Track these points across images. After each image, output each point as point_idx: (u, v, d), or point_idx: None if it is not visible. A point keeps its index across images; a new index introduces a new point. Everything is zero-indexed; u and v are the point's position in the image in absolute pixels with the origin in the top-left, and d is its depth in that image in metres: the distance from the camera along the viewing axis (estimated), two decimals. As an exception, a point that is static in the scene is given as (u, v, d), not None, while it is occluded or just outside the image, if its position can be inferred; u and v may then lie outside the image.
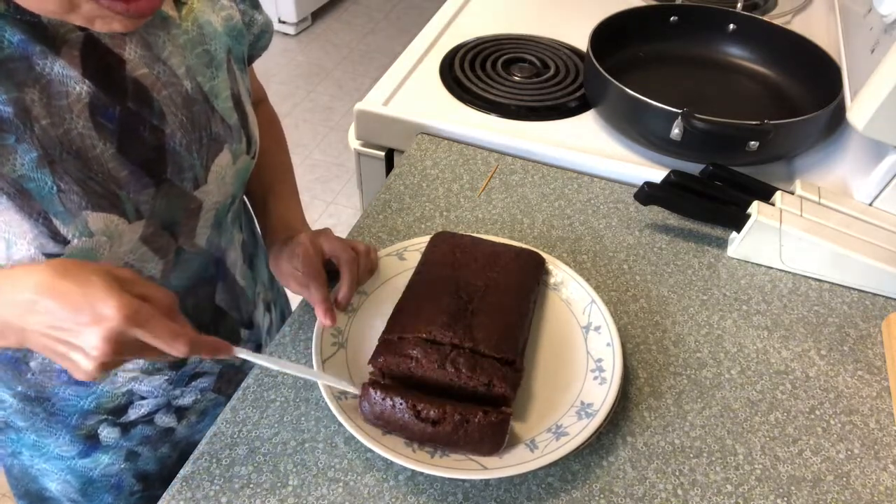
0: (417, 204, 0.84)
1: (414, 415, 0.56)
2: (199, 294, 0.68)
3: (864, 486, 0.59)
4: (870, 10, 0.85)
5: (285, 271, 0.66)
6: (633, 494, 0.58)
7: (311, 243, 0.66)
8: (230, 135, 0.62)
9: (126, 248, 0.56)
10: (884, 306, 0.75)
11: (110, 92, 0.52)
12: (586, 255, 0.79)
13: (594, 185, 0.89)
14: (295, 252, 0.65)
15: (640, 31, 1.04)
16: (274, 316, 0.86)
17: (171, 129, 0.56)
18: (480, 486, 0.58)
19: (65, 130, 0.50)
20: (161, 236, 0.59)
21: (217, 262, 0.69)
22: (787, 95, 0.99)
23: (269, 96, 0.85)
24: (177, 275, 0.63)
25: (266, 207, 0.74)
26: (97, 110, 0.51)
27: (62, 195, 0.50)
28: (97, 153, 0.52)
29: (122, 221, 0.54)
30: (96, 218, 0.52)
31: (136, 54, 0.54)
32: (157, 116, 0.55)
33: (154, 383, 0.70)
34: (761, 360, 0.69)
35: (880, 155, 0.79)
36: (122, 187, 0.53)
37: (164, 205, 0.57)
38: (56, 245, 0.51)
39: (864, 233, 0.77)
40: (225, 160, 0.62)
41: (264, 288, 0.81)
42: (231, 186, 0.64)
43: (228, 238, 0.70)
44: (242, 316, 0.75)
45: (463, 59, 1.07)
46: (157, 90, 0.55)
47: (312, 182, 2.44)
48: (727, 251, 0.81)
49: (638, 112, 0.87)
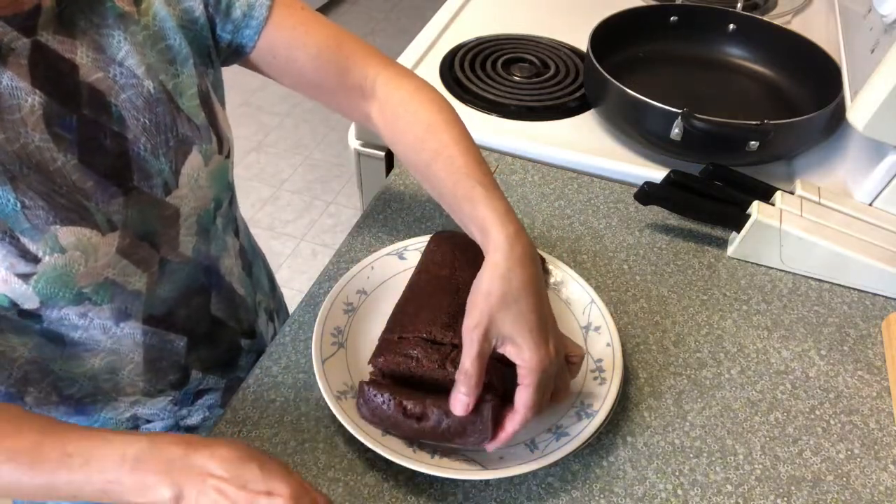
0: (417, 204, 0.84)
1: (401, 412, 0.56)
2: (192, 305, 0.65)
3: (864, 486, 0.59)
4: (870, 10, 0.85)
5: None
6: (633, 494, 0.58)
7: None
8: (198, 135, 0.58)
9: (103, 261, 0.53)
10: (884, 306, 0.75)
11: (64, 100, 0.49)
12: (586, 255, 0.79)
13: (594, 185, 0.89)
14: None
15: (640, 31, 1.04)
16: (278, 325, 0.83)
17: (134, 134, 0.54)
18: (480, 486, 0.58)
19: (22, 145, 0.47)
20: (140, 247, 0.56)
21: (208, 271, 0.66)
22: (787, 95, 0.99)
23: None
24: (164, 287, 0.61)
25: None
26: (53, 121, 0.49)
27: (27, 211, 0.48)
28: (58, 165, 0.49)
29: (94, 234, 0.51)
30: (66, 232, 0.50)
31: (89, 58, 0.51)
32: (117, 122, 0.53)
33: (158, 405, 0.67)
34: (761, 360, 0.69)
35: (880, 155, 0.79)
36: (89, 198, 0.51)
37: (137, 214, 0.55)
38: (27, 264, 0.49)
39: (864, 233, 0.77)
40: (196, 162, 0.58)
41: (266, 297, 0.79)
42: (209, 190, 0.61)
43: (220, 246, 0.67)
44: (242, 325, 0.73)
45: (463, 59, 1.07)
46: (115, 94, 0.52)
47: (312, 182, 2.44)
48: (727, 251, 0.80)
49: (638, 112, 0.87)
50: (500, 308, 0.50)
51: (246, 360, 0.75)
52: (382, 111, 0.63)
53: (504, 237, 0.52)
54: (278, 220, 2.30)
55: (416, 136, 0.60)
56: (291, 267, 2.15)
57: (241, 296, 0.72)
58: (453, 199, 0.57)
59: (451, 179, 0.57)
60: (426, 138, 0.60)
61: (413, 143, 0.61)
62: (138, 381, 0.64)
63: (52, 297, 0.51)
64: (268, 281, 0.82)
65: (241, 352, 0.74)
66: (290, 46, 0.61)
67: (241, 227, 0.73)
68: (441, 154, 0.58)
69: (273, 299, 0.83)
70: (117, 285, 0.55)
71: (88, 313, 0.56)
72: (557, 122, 0.97)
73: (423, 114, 0.61)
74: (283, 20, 0.61)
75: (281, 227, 2.28)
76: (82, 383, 0.61)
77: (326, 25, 0.63)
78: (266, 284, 0.81)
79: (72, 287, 0.52)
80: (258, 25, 0.60)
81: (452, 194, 0.57)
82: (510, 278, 0.51)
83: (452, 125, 0.60)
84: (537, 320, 0.51)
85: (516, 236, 0.52)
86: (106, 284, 0.54)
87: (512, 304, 0.50)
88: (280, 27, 0.61)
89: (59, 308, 0.54)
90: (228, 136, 0.64)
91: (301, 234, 2.25)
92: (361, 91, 0.64)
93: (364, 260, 0.72)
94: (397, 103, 0.62)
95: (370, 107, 0.64)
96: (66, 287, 0.51)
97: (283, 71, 0.63)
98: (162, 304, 0.61)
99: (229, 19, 0.60)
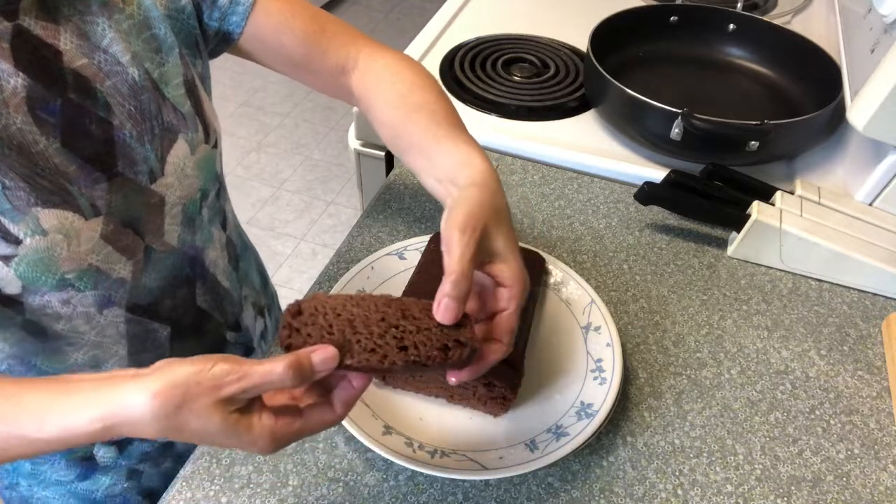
0: (417, 204, 0.84)
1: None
2: (177, 295, 0.65)
3: (864, 486, 0.59)
4: (870, 10, 0.85)
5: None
6: (633, 494, 0.58)
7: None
8: (184, 124, 0.58)
9: (86, 247, 0.53)
10: (884, 306, 0.75)
11: (49, 85, 0.49)
12: (586, 255, 0.79)
13: (594, 185, 0.89)
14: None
15: (640, 31, 1.04)
16: (268, 322, 0.83)
17: (120, 121, 0.53)
18: (480, 486, 0.58)
19: (3, 126, 0.47)
20: (125, 234, 0.56)
21: (193, 262, 0.65)
22: (787, 95, 0.99)
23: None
24: (149, 275, 0.60)
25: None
26: (36, 104, 0.49)
27: (8, 192, 0.47)
28: (40, 148, 0.49)
29: (77, 218, 0.51)
30: (48, 215, 0.49)
31: (73, 44, 0.51)
32: (103, 108, 0.52)
33: None
34: (761, 360, 0.69)
35: (880, 155, 0.79)
36: (72, 182, 0.51)
37: (122, 200, 0.54)
38: (8, 246, 0.48)
39: (864, 233, 0.77)
40: (181, 151, 0.58)
41: (254, 292, 0.79)
42: (195, 179, 0.61)
43: (205, 236, 0.66)
44: (227, 318, 0.72)
45: (463, 59, 1.07)
46: (100, 80, 0.52)
47: (312, 182, 2.44)
48: (727, 251, 0.81)
49: (638, 112, 0.87)
50: (495, 221, 0.48)
51: (231, 352, 0.74)
52: (363, 78, 0.64)
53: (487, 165, 0.52)
54: (278, 220, 2.30)
55: (399, 92, 0.61)
56: (291, 267, 2.15)
57: (226, 288, 0.71)
58: (433, 139, 0.57)
59: (432, 123, 0.58)
60: (409, 94, 0.61)
61: (395, 99, 0.61)
62: None
63: (35, 281, 0.51)
64: (259, 277, 0.81)
65: (226, 344, 0.73)
66: (277, 31, 0.63)
67: (229, 221, 0.73)
68: (424, 107, 0.59)
69: (264, 296, 0.82)
70: (101, 272, 0.55)
71: (71, 300, 0.55)
72: (557, 122, 0.97)
73: (406, 75, 0.63)
74: (268, 5, 0.62)
75: (281, 227, 2.28)
76: None
77: (308, 8, 0.65)
78: (256, 280, 0.80)
79: (54, 272, 0.52)
80: (244, 12, 0.61)
81: (433, 136, 0.57)
82: (498, 197, 0.50)
83: (434, 88, 0.62)
84: (518, 244, 0.51)
85: (496, 172, 0.53)
86: (90, 271, 0.54)
87: (503, 221, 0.49)
88: (267, 12, 0.62)
89: (41, 294, 0.53)
90: (215, 125, 0.64)
91: (301, 234, 2.25)
92: (343, 69, 0.65)
93: (364, 260, 0.72)
94: (380, 68, 0.64)
95: (351, 80, 0.65)
96: (48, 271, 0.51)
97: (271, 55, 0.64)
98: (147, 294, 0.61)
99: (216, 6, 0.60)
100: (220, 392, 0.39)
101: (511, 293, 0.48)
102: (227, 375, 0.40)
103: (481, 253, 0.47)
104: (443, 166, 0.55)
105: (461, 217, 0.47)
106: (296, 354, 0.41)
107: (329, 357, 0.42)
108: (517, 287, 0.48)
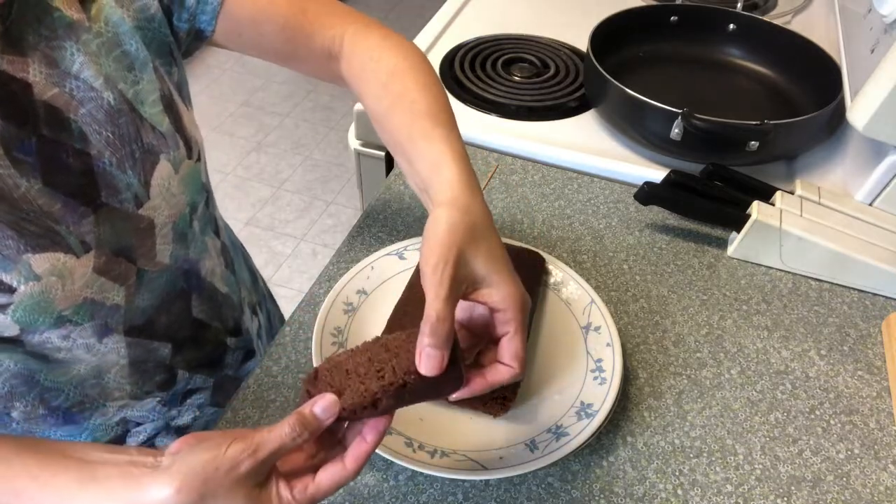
0: (417, 204, 0.84)
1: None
2: (172, 310, 0.63)
3: (864, 486, 0.59)
4: (870, 10, 0.85)
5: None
6: (633, 494, 0.58)
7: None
8: (164, 143, 0.56)
9: (80, 283, 0.51)
10: (884, 306, 0.75)
11: (21, 123, 0.47)
12: (586, 255, 0.79)
13: (594, 185, 0.89)
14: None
15: (640, 31, 1.04)
16: (262, 318, 0.82)
17: (98, 150, 0.51)
18: (480, 486, 0.58)
19: None
20: (117, 263, 0.54)
21: (187, 275, 0.63)
22: (787, 95, 0.99)
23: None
24: (143, 296, 0.59)
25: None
26: (12, 146, 0.46)
27: None
28: (22, 192, 0.47)
29: (69, 258, 0.49)
30: (40, 259, 0.47)
31: (42, 74, 0.48)
32: (79, 139, 0.50)
33: (147, 407, 0.66)
34: (761, 360, 0.69)
35: (880, 155, 0.79)
36: (58, 222, 0.49)
37: (109, 230, 0.53)
38: (2, 295, 0.47)
39: (864, 233, 0.77)
40: (165, 171, 0.56)
41: (248, 291, 0.78)
42: (182, 196, 0.59)
43: (199, 248, 0.64)
44: (227, 324, 0.71)
45: (463, 59, 1.07)
46: (74, 109, 0.49)
47: (312, 182, 2.44)
48: (727, 251, 0.81)
49: (638, 112, 0.87)
50: (469, 242, 0.44)
51: (233, 357, 0.74)
52: (350, 66, 0.61)
53: (458, 172, 0.48)
54: (278, 220, 2.30)
55: (380, 82, 0.58)
56: (291, 267, 2.15)
57: (225, 294, 0.70)
58: (409, 140, 0.53)
59: (409, 120, 0.53)
60: (389, 83, 0.57)
61: (376, 90, 0.58)
62: (125, 384, 0.63)
63: (32, 323, 0.50)
64: (249, 273, 0.80)
65: (227, 350, 0.72)
66: (255, 21, 0.59)
67: (220, 225, 0.72)
68: (403, 98, 0.55)
69: (255, 292, 0.81)
70: (96, 303, 0.54)
71: (71, 334, 0.55)
72: (557, 122, 0.97)
73: (388, 60, 0.58)
74: None
75: (281, 227, 2.28)
76: (69, 392, 0.60)
77: None
78: (247, 278, 0.79)
79: (51, 312, 0.51)
80: (213, 10, 0.58)
81: (409, 135, 0.53)
82: (472, 212, 0.46)
83: (418, 70, 0.57)
84: (507, 258, 0.46)
85: (471, 176, 0.49)
86: (85, 305, 0.53)
87: (481, 239, 0.45)
88: (240, 5, 0.59)
89: (40, 333, 0.53)
90: (197, 136, 0.61)
91: (301, 234, 2.25)
92: (331, 54, 0.62)
93: (364, 260, 0.72)
94: (363, 53, 0.60)
95: (339, 66, 0.62)
96: (45, 313, 0.50)
97: (254, 46, 0.61)
98: (141, 314, 0.60)
99: (184, 7, 0.58)
100: (239, 471, 0.40)
101: (505, 317, 0.46)
102: (242, 453, 0.40)
103: (460, 284, 0.44)
104: (419, 171, 0.52)
105: (430, 251, 0.44)
106: (298, 410, 0.42)
107: (329, 404, 0.43)
108: (511, 310, 0.45)
